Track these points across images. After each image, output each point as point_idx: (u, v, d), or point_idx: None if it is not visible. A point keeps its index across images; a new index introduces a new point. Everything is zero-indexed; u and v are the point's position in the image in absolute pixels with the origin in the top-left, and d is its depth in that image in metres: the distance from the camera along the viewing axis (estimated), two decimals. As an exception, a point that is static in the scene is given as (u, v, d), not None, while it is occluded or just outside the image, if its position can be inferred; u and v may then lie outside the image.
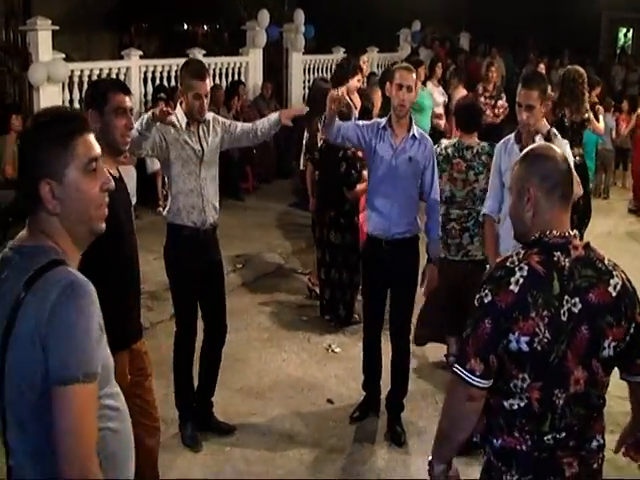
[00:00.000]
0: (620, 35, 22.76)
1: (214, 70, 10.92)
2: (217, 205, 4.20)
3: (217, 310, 4.29)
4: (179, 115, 4.04)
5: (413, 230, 4.34)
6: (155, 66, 9.96)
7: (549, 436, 2.13)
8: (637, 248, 7.92)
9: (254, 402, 4.71)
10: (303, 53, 12.68)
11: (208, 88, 4.05)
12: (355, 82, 6.77)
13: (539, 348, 2.06)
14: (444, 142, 4.99)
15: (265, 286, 6.75)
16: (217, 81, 10.80)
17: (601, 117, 7.81)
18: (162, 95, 9.06)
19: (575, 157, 6.28)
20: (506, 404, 2.14)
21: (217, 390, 4.40)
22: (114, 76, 9.19)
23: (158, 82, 9.96)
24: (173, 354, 4.25)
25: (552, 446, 2.13)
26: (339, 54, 13.03)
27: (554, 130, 4.14)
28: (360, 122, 4.43)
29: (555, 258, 2.10)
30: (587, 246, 2.18)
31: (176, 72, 10.38)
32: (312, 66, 12.84)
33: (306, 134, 6.48)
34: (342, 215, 5.81)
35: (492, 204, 4.16)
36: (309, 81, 12.74)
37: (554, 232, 2.14)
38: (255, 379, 5.00)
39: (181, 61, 10.53)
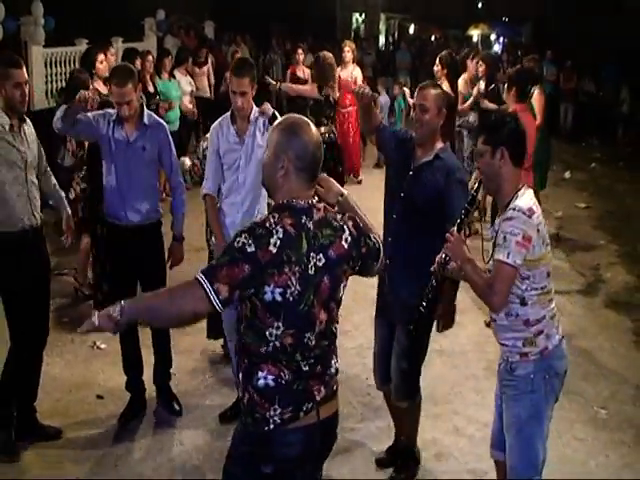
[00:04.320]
0: (354, 20, 24.46)
1: (-58, 68, 10.12)
2: (39, 206, 4.10)
3: (43, 312, 4.23)
4: None
5: (155, 216, 4.49)
6: None
7: (303, 365, 2.45)
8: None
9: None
10: (44, 46, 12.12)
11: (26, 75, 3.92)
12: (99, 64, 6.71)
13: (291, 299, 2.37)
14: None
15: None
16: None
17: None
18: None
19: (325, 134, 7.45)
20: (262, 350, 2.41)
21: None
22: None
23: None
24: (6, 369, 4.11)
25: (307, 375, 2.47)
26: (82, 46, 12.62)
27: (277, 113, 4.40)
28: (90, 114, 4.36)
29: (302, 221, 2.41)
30: (325, 208, 2.52)
31: None
32: (54, 59, 12.30)
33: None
34: None
35: (212, 185, 4.38)
36: (52, 75, 12.23)
37: (300, 201, 2.44)
38: (18, 387, 4.85)
39: None
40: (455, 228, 3.12)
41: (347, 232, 2.53)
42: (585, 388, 5.10)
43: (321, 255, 2.43)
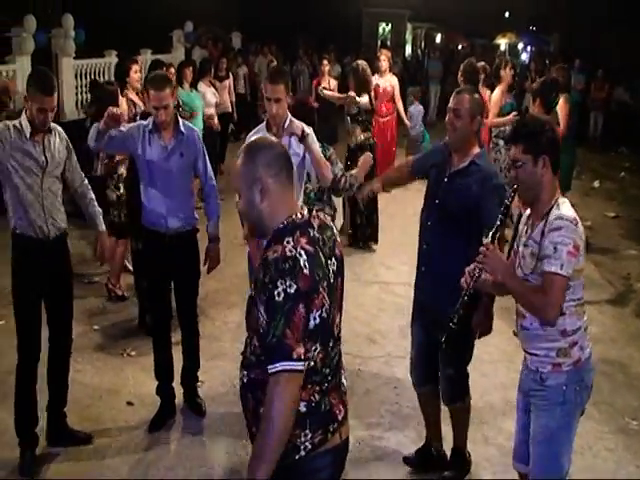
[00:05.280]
0: (380, 29, 24.52)
1: (-24, 80, 10.32)
2: (61, 216, 4.11)
3: (64, 320, 4.25)
4: (23, 123, 3.90)
5: (192, 222, 4.58)
6: None
7: (328, 378, 2.41)
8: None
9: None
10: (74, 58, 12.32)
11: (55, 102, 3.91)
12: (133, 75, 6.81)
13: (325, 315, 2.31)
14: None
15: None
16: (-19, 91, 10.22)
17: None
18: None
19: (367, 139, 7.97)
20: None
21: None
22: None
23: None
24: (16, 375, 4.13)
25: (328, 389, 2.41)
26: (111, 57, 12.83)
27: (307, 129, 4.41)
28: (124, 128, 4.44)
29: (312, 234, 2.36)
30: (317, 215, 2.47)
31: None
32: (84, 70, 12.51)
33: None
34: None
35: None
36: (83, 86, 12.42)
37: (298, 215, 2.39)
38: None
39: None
40: (489, 239, 3.05)
41: (333, 228, 2.54)
42: (615, 398, 5.05)
43: (333, 259, 2.40)
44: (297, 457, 2.37)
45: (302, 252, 2.26)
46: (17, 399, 4.15)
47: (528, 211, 3.19)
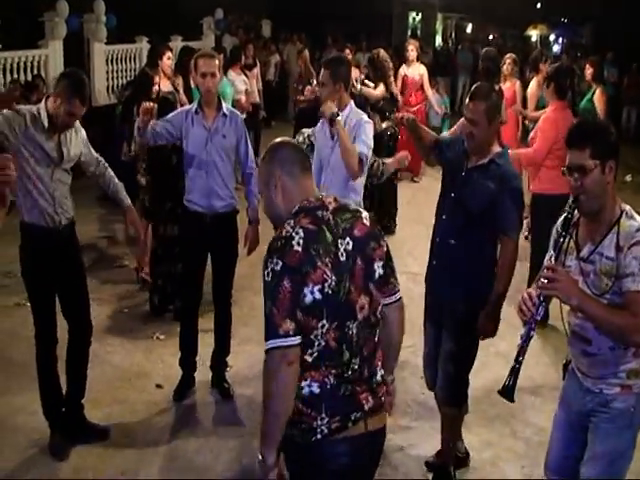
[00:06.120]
0: (410, 19, 24.35)
1: (11, 65, 10.44)
2: (70, 204, 4.07)
3: (80, 310, 4.21)
4: (42, 113, 3.83)
5: (233, 203, 4.66)
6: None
7: (349, 365, 2.40)
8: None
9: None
10: (105, 43, 12.39)
11: (82, 112, 3.87)
12: (166, 60, 6.86)
13: (330, 292, 2.32)
14: (306, 131, 4.85)
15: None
16: (15, 76, 10.34)
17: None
18: None
19: (387, 129, 7.75)
20: (307, 357, 2.35)
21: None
22: None
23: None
24: (36, 360, 4.15)
25: (352, 378, 2.41)
26: (142, 43, 12.88)
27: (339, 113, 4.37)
28: (170, 116, 4.61)
29: (320, 215, 2.41)
30: (336, 199, 2.52)
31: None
32: (115, 56, 12.58)
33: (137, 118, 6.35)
34: (179, 206, 5.85)
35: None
36: (113, 72, 12.49)
37: (311, 199, 2.45)
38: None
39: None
40: (553, 260, 2.79)
41: (364, 213, 2.55)
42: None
43: (348, 238, 2.41)
44: (313, 439, 2.39)
45: (300, 230, 2.34)
46: (41, 382, 4.18)
47: (561, 219, 2.89)
